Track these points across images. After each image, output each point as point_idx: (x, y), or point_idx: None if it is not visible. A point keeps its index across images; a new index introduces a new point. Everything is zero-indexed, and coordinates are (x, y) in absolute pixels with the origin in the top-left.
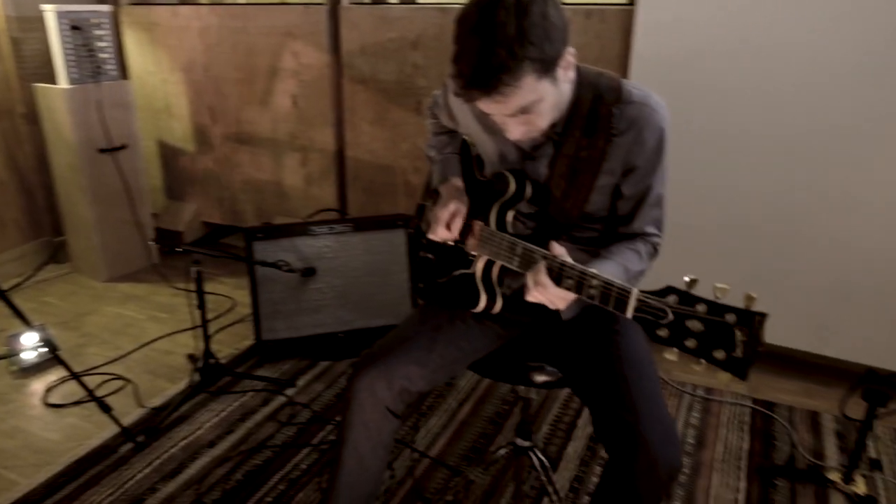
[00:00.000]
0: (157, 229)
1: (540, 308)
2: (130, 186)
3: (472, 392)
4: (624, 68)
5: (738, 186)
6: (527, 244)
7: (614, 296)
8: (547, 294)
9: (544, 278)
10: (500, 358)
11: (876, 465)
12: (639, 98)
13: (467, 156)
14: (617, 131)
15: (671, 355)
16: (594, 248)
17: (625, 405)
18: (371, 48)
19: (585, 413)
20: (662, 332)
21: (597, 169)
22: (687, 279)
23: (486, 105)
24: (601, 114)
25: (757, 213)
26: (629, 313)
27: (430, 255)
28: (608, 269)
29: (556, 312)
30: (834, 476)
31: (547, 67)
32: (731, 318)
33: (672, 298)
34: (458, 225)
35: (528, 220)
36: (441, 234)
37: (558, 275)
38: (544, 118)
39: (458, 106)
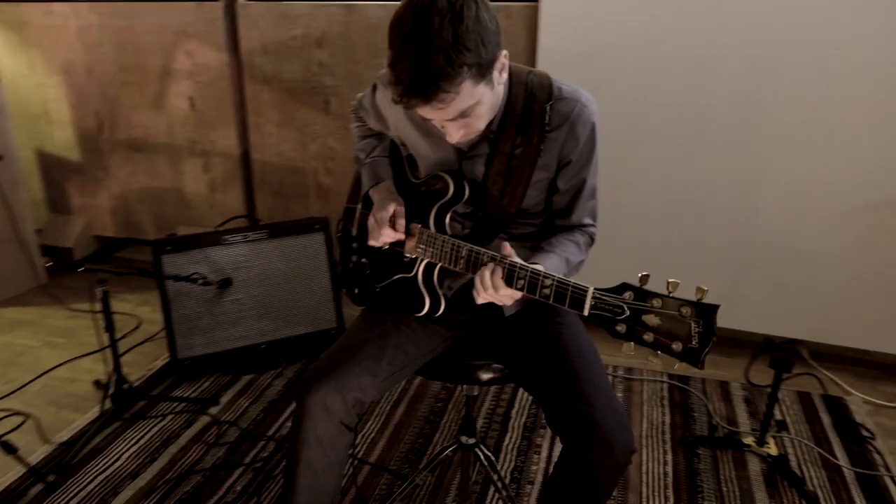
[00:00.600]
0: (43, 247)
1: (482, 306)
2: (9, 201)
3: (404, 393)
4: (531, 64)
5: (643, 172)
6: (473, 246)
7: (569, 294)
8: (497, 295)
9: (496, 280)
10: (447, 359)
11: (782, 425)
12: (569, 94)
13: (398, 158)
14: (550, 127)
15: (629, 350)
16: (532, 241)
17: (577, 395)
18: (273, 46)
19: (518, 404)
20: (620, 328)
21: (532, 165)
22: (640, 275)
23: (425, 111)
24: (534, 111)
25: (663, 198)
26: (586, 311)
27: (363, 260)
28: (551, 263)
29: (499, 309)
30: (749, 440)
31: (484, 72)
32: (686, 311)
33: (628, 294)
34: (402, 224)
35: (465, 220)
36: (387, 235)
37: (509, 275)
38: (482, 120)
39: (389, 108)
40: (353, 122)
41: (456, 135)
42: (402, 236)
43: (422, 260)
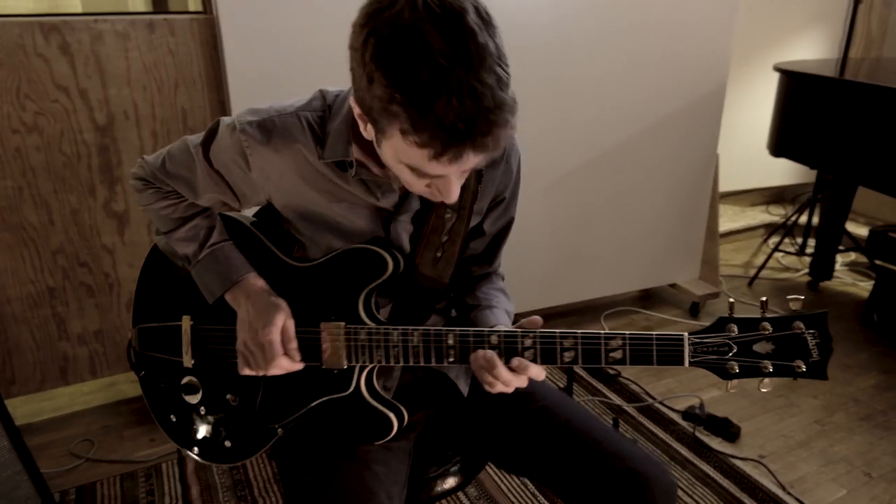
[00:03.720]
0: None
1: (435, 394)
2: None
3: None
4: (219, 87)
5: None
6: (433, 328)
7: (655, 351)
8: (521, 379)
9: (524, 362)
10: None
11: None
12: None
13: (247, 240)
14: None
15: (733, 387)
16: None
17: (605, 454)
18: None
19: None
20: (733, 368)
21: (470, 213)
22: (730, 301)
23: (462, 163)
24: None
25: None
26: (686, 362)
27: (229, 396)
28: (503, 322)
29: (456, 390)
30: None
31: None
32: (799, 325)
33: (732, 328)
34: (293, 348)
35: (381, 300)
36: (282, 365)
37: (547, 353)
38: None
39: (275, 169)
40: (154, 201)
41: (458, 191)
42: (299, 365)
43: (363, 368)
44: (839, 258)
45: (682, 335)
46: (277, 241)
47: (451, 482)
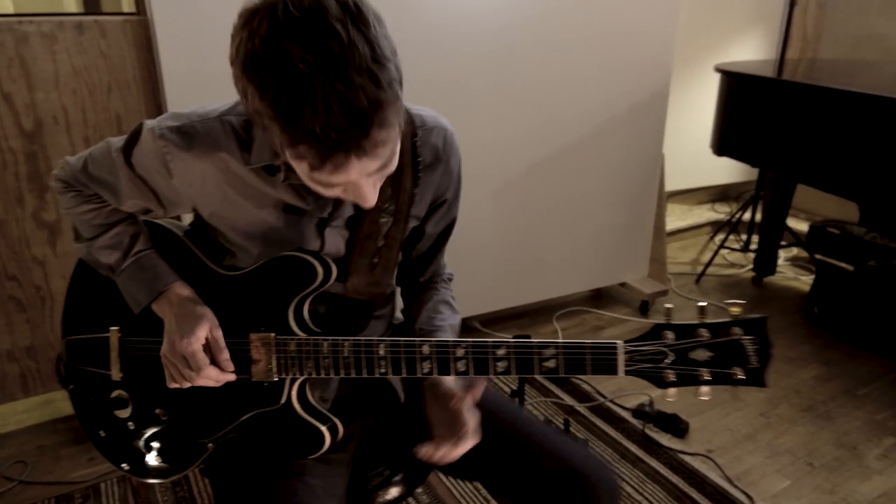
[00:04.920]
0: None
1: (373, 402)
2: None
3: None
4: (155, 90)
5: None
6: (367, 339)
7: (590, 359)
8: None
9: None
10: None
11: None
12: (433, 121)
13: (174, 248)
14: (424, 165)
15: (672, 396)
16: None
17: (547, 456)
18: None
19: None
20: (670, 376)
21: (407, 217)
22: (666, 307)
23: (354, 168)
24: (403, 148)
25: None
26: (621, 371)
27: (158, 411)
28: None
29: (395, 397)
30: None
31: (402, 90)
32: (737, 331)
33: (669, 335)
34: (225, 359)
35: (318, 306)
36: (211, 376)
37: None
38: (396, 161)
39: (199, 176)
40: (75, 204)
41: (374, 194)
42: (231, 376)
43: (294, 381)
44: (782, 253)
45: (616, 343)
46: (207, 250)
47: (394, 492)
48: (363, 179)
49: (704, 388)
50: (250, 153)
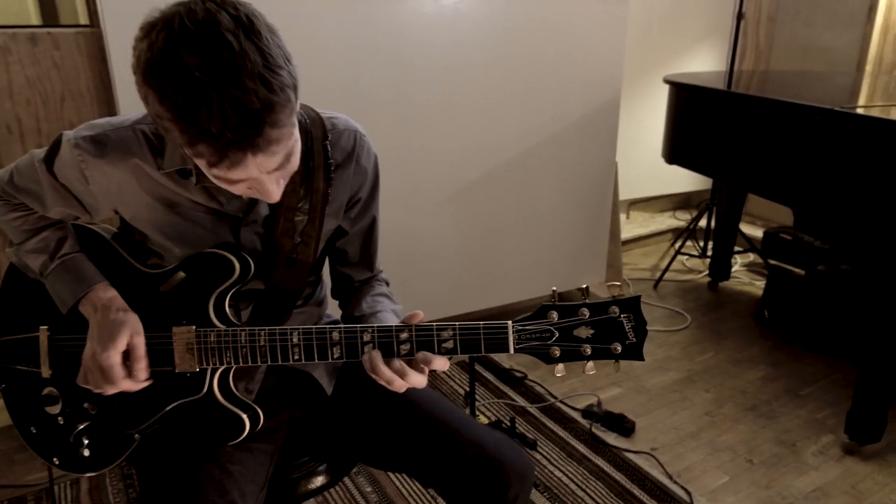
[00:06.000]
0: None
1: (297, 394)
2: None
3: None
4: (108, 100)
5: None
6: (307, 328)
7: (483, 339)
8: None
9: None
10: (281, 476)
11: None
12: (344, 125)
13: (100, 250)
14: (335, 165)
15: (560, 371)
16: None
17: (463, 443)
18: None
19: None
20: (555, 352)
21: (321, 215)
22: (553, 290)
23: (251, 166)
24: (314, 151)
25: None
26: (511, 349)
27: (87, 405)
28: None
29: (320, 390)
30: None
31: (296, 95)
32: (615, 309)
33: (553, 315)
34: (142, 368)
35: (240, 301)
36: (124, 387)
37: (385, 347)
38: (297, 162)
39: (112, 180)
40: (4, 212)
41: (278, 191)
42: (144, 384)
43: (215, 371)
44: (738, 259)
45: (506, 323)
46: (133, 252)
47: (318, 481)
48: (264, 176)
49: (589, 364)
50: (163, 158)
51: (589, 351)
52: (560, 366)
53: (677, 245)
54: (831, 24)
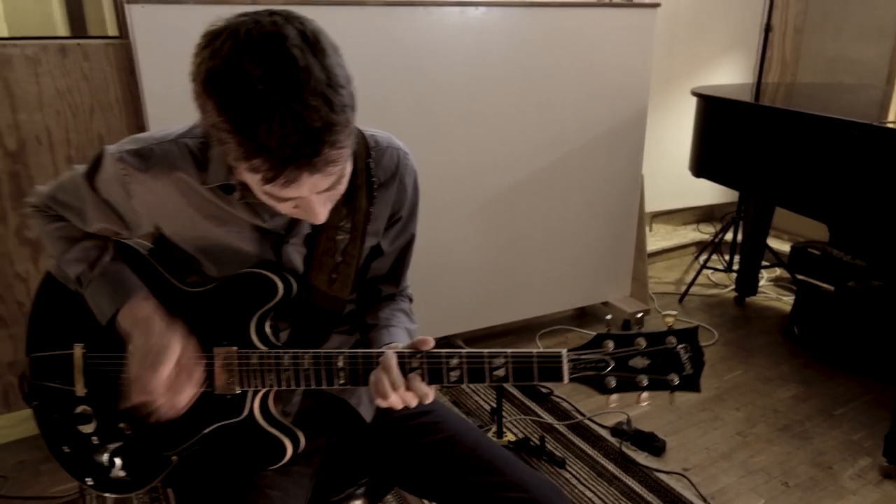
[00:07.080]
0: None
1: (335, 420)
2: None
3: None
4: (137, 111)
5: None
6: (324, 351)
7: (536, 367)
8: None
9: (417, 383)
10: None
11: (496, 411)
12: (387, 142)
13: (142, 267)
14: (378, 183)
15: (614, 401)
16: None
17: (505, 485)
18: None
19: None
20: (610, 383)
21: (363, 234)
22: (606, 318)
23: (306, 185)
24: (357, 168)
25: None
26: (566, 378)
27: (122, 425)
28: (400, 340)
29: (358, 417)
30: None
31: (354, 116)
32: (671, 340)
33: (609, 344)
34: (198, 377)
35: (279, 322)
36: (177, 404)
37: (434, 373)
38: (346, 183)
39: (155, 197)
40: (45, 224)
41: (324, 212)
42: (193, 396)
43: (256, 393)
44: (765, 273)
45: (561, 352)
46: (171, 268)
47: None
48: (314, 196)
49: (644, 395)
50: (207, 173)
51: (645, 382)
52: (614, 395)
53: (702, 259)
54: (859, 36)
